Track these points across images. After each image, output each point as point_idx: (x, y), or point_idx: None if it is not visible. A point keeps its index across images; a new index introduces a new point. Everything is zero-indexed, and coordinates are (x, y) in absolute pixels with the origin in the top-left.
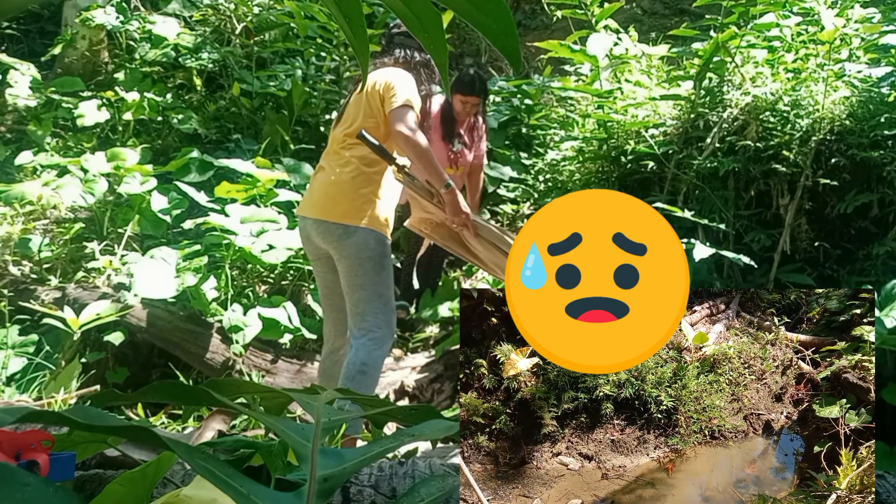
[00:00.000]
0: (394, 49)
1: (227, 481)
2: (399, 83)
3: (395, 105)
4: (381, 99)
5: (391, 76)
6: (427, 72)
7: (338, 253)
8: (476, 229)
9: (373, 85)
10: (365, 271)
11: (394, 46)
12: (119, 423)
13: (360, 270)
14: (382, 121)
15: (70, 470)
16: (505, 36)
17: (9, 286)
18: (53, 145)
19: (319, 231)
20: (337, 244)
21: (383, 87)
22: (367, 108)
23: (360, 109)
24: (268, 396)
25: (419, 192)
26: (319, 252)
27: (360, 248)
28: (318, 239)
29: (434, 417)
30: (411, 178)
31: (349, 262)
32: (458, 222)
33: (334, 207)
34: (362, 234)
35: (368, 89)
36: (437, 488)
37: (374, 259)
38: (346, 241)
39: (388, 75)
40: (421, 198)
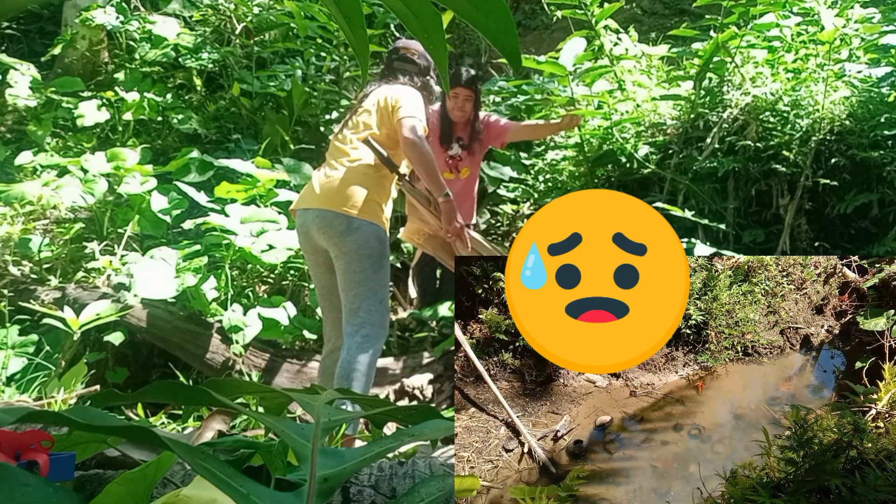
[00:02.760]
0: (395, 73)
1: (227, 481)
2: (408, 96)
3: (403, 115)
4: (392, 110)
5: (401, 90)
6: (426, 94)
7: (338, 248)
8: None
9: (385, 98)
10: (363, 268)
11: (394, 71)
12: (119, 423)
13: (359, 266)
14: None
15: (70, 470)
16: (505, 36)
17: (9, 286)
18: (53, 145)
19: (322, 225)
20: (338, 239)
21: (394, 100)
22: (380, 120)
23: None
24: (268, 396)
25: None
26: (317, 249)
27: (362, 245)
28: (319, 234)
29: (434, 417)
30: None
31: (349, 258)
32: (451, 231)
33: (341, 199)
34: (365, 230)
35: (381, 103)
36: (437, 488)
37: (374, 256)
38: (349, 237)
39: (397, 90)
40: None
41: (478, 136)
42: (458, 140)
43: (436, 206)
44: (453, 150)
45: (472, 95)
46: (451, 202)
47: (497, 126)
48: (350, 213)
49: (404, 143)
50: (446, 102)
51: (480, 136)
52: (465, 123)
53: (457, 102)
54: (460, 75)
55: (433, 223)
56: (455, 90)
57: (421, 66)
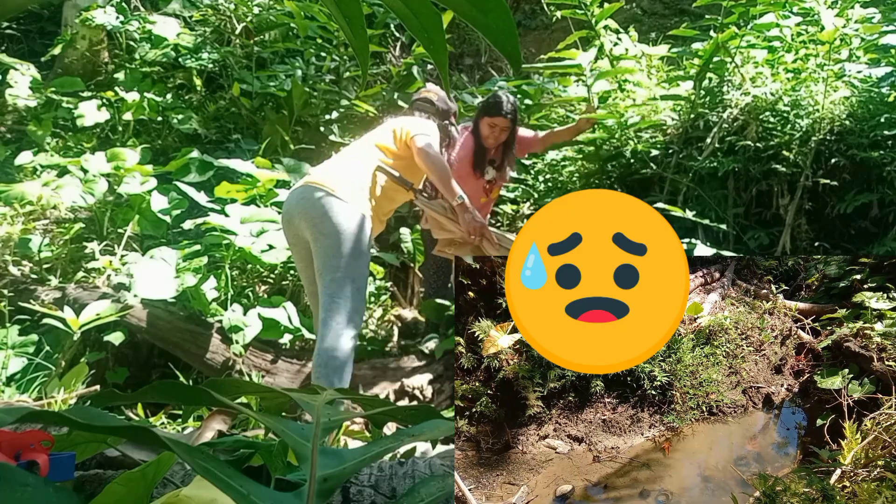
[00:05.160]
0: (413, 112)
1: (227, 481)
2: (419, 123)
3: (415, 133)
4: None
5: (415, 119)
6: (442, 135)
7: (317, 230)
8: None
9: (401, 128)
10: (342, 253)
11: (413, 110)
12: (119, 423)
13: (338, 251)
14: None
15: (70, 470)
16: (505, 36)
17: (9, 286)
18: (53, 145)
19: (304, 206)
20: (318, 220)
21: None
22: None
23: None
24: (268, 396)
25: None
26: (299, 240)
27: (343, 228)
28: (300, 217)
29: (434, 417)
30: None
31: (328, 242)
32: (474, 233)
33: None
34: (348, 211)
35: (397, 133)
36: (437, 488)
37: (355, 241)
38: (330, 219)
39: (411, 120)
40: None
41: (512, 158)
42: (492, 163)
43: (452, 212)
44: (489, 176)
45: (510, 126)
46: (466, 205)
47: (524, 140)
48: (333, 193)
49: (417, 154)
50: (481, 130)
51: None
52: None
53: (493, 132)
54: (501, 105)
55: (456, 230)
56: (494, 120)
57: (440, 108)
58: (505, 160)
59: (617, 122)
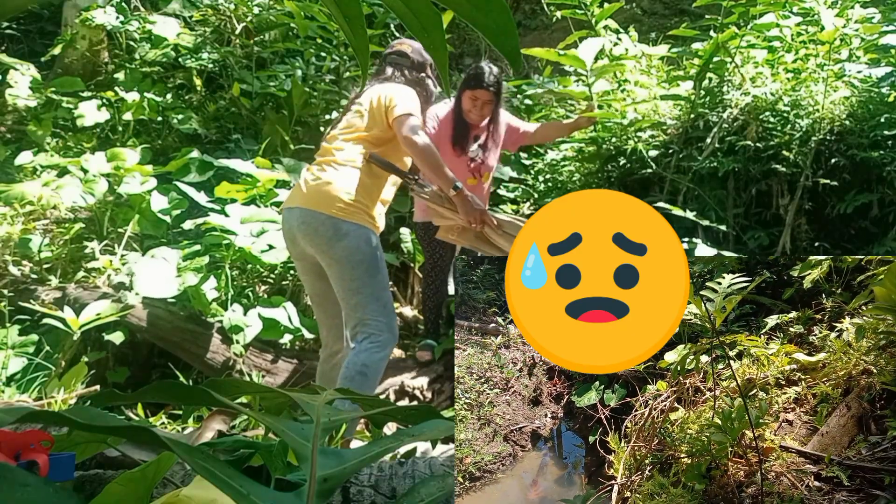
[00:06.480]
0: (385, 68)
1: (227, 481)
2: (400, 94)
3: (398, 113)
4: (385, 110)
5: (392, 89)
6: (419, 90)
7: (328, 256)
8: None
9: (378, 98)
10: (359, 275)
11: (385, 65)
12: (119, 423)
13: (353, 274)
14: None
15: (70, 470)
16: (505, 36)
17: (9, 286)
18: (53, 145)
19: (307, 231)
20: (326, 246)
21: (387, 99)
22: (372, 121)
23: (365, 120)
24: (268, 396)
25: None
26: (304, 256)
27: (353, 251)
28: (305, 240)
29: (434, 417)
30: (422, 187)
31: (341, 267)
32: (474, 220)
33: (327, 200)
34: (354, 234)
35: (374, 103)
36: (437, 488)
37: (367, 261)
38: (338, 244)
39: (388, 88)
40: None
41: (498, 137)
42: (476, 139)
43: (450, 202)
44: (474, 153)
45: (493, 99)
46: (463, 192)
47: (517, 132)
48: (336, 216)
49: (404, 142)
50: (462, 104)
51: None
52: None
53: (476, 105)
54: (482, 76)
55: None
56: (475, 92)
57: (415, 60)
58: (490, 139)
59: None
